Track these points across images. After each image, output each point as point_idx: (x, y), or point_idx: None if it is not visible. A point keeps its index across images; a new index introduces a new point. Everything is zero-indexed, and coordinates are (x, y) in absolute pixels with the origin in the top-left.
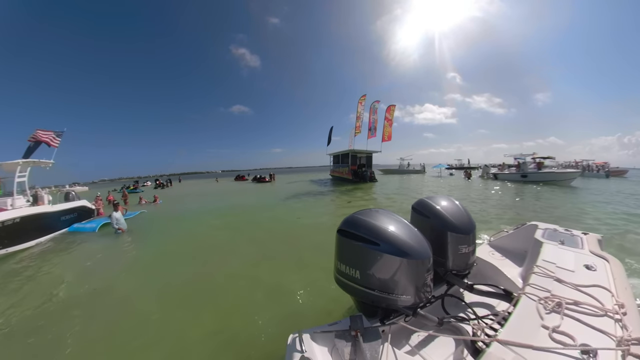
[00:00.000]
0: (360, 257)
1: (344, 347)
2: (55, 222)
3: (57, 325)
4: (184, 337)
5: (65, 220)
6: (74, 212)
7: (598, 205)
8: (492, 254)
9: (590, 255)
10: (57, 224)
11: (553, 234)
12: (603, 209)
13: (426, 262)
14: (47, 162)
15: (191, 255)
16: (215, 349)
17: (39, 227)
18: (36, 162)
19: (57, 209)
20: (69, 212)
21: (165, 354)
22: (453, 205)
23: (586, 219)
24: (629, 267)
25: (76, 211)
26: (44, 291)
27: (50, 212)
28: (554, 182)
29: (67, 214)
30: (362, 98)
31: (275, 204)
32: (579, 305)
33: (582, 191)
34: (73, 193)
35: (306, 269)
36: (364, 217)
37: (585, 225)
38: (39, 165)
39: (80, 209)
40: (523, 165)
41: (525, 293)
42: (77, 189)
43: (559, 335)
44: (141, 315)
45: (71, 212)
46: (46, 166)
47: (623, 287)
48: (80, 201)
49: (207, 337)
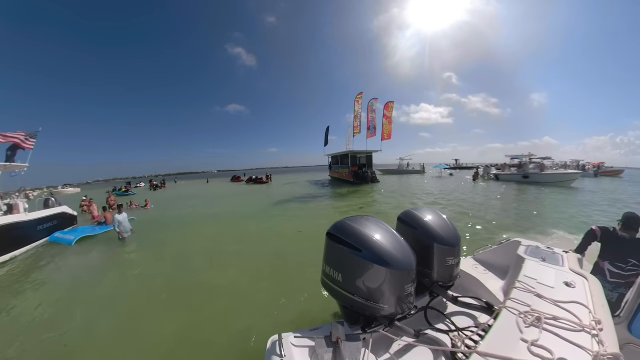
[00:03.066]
0: (343, 262)
1: (325, 353)
2: (31, 232)
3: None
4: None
5: (43, 229)
6: (53, 220)
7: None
8: (475, 267)
9: (570, 272)
10: (34, 234)
11: (535, 251)
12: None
13: (409, 274)
14: (22, 165)
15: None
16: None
17: (13, 239)
18: (7, 166)
19: (33, 217)
20: (47, 220)
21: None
22: (439, 218)
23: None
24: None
25: (55, 218)
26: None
27: (25, 221)
28: (556, 183)
29: (45, 222)
30: (358, 96)
31: (272, 212)
32: (558, 321)
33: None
34: (53, 199)
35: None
36: (351, 223)
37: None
38: (12, 170)
39: (60, 216)
40: (525, 166)
41: (506, 307)
42: (69, 190)
43: (538, 349)
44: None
45: (50, 219)
46: (21, 170)
47: (600, 304)
48: (60, 207)
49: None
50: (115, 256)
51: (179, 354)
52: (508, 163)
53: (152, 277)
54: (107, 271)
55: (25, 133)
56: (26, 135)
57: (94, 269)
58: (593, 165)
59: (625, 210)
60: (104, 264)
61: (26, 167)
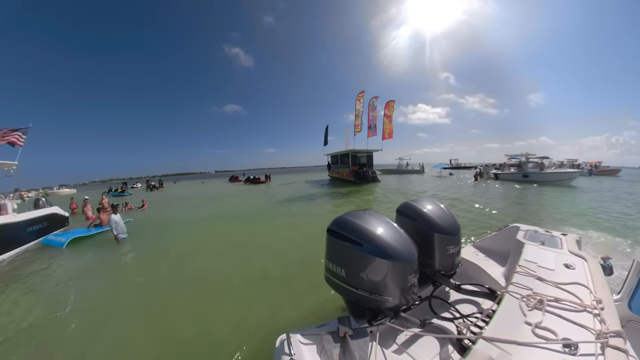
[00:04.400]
0: (345, 257)
1: (333, 348)
2: (20, 234)
3: None
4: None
5: (32, 231)
6: (43, 221)
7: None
8: (476, 254)
9: (569, 254)
10: (23, 236)
11: (534, 235)
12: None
13: (411, 265)
14: (10, 163)
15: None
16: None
17: (1, 241)
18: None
19: (22, 218)
20: (37, 221)
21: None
22: (438, 208)
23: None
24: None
25: (46, 220)
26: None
27: (13, 222)
28: (555, 182)
29: (34, 223)
30: (360, 94)
31: (272, 213)
32: (560, 302)
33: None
34: (43, 199)
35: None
36: (351, 218)
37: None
38: (0, 168)
39: (50, 217)
40: (524, 165)
41: (508, 291)
42: (65, 191)
43: (542, 330)
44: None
45: (40, 221)
46: (9, 169)
47: (600, 284)
48: (50, 208)
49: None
50: (110, 260)
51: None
52: (507, 162)
53: (150, 281)
54: (100, 276)
55: (9, 130)
56: (14, 130)
57: (87, 273)
58: (590, 164)
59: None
60: (97, 268)
61: (15, 166)
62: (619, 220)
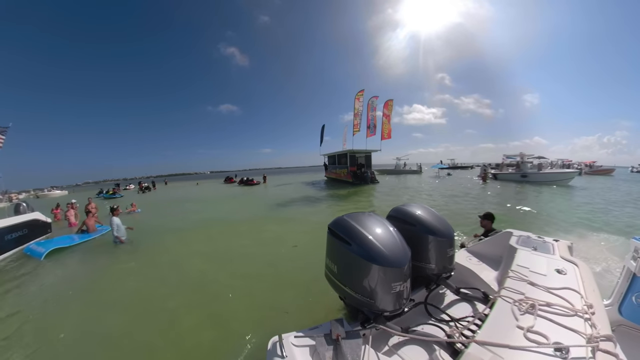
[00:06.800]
0: (337, 255)
1: (325, 350)
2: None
3: None
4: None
5: (11, 239)
6: (23, 228)
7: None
8: (469, 259)
9: (561, 260)
10: (0, 245)
11: (527, 241)
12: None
13: (400, 271)
14: None
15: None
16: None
17: None
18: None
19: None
20: (16, 228)
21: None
22: (430, 212)
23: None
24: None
25: (26, 226)
26: None
27: None
28: (553, 182)
29: (13, 230)
30: (359, 93)
31: (265, 219)
32: (551, 307)
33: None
34: (24, 204)
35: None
36: (348, 219)
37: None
38: None
39: (30, 223)
40: (523, 165)
41: (500, 296)
42: (56, 192)
43: (534, 334)
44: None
45: (19, 228)
46: None
47: (591, 289)
48: (32, 214)
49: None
50: (94, 272)
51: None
52: (505, 162)
53: (142, 287)
54: (79, 296)
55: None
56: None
57: (62, 294)
58: (585, 164)
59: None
60: (79, 283)
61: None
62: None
